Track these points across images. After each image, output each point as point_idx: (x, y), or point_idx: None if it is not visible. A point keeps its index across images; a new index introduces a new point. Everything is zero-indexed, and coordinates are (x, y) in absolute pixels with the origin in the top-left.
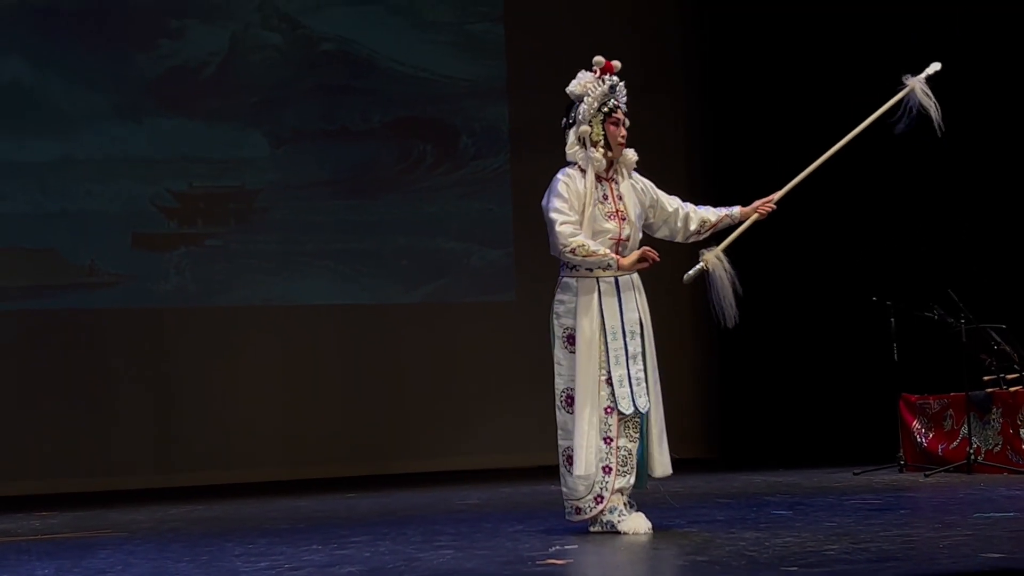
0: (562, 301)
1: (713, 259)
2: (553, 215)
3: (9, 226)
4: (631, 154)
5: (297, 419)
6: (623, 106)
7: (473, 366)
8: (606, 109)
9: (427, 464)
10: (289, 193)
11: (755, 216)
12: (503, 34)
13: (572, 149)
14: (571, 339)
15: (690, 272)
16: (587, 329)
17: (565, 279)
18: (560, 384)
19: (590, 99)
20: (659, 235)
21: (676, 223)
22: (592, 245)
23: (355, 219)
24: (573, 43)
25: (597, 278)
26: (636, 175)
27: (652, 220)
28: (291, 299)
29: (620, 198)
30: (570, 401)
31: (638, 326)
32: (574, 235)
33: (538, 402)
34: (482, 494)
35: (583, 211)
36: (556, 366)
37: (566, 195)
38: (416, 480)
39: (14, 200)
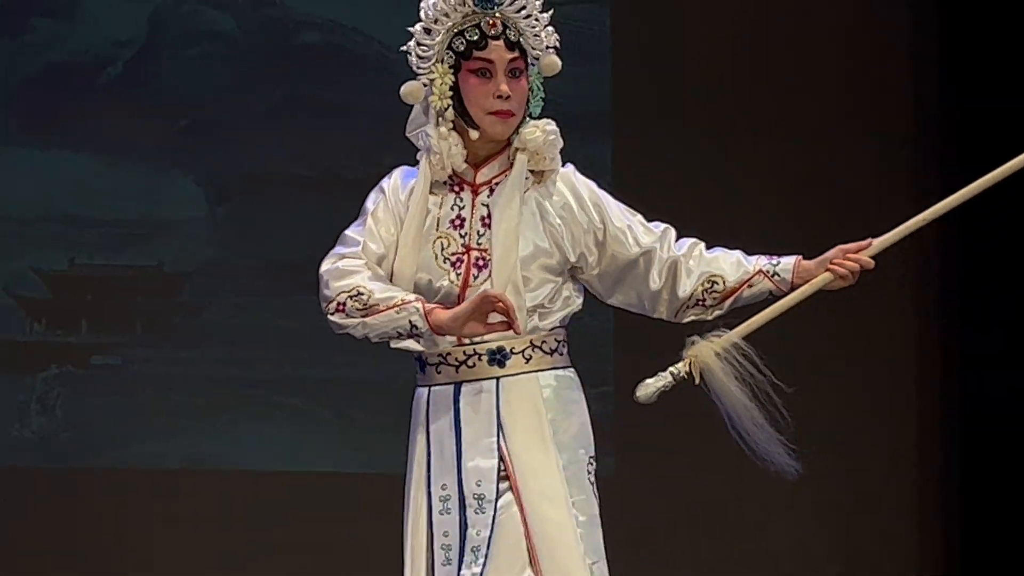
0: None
1: (709, 356)
2: (331, 253)
3: None
4: (536, 132)
5: None
6: (507, 34)
7: None
8: (461, 45)
9: None
10: (241, 280)
11: (824, 277)
12: (608, 21)
13: (413, 126)
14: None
15: (649, 381)
16: (412, 487)
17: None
18: None
19: (437, 26)
20: (617, 302)
21: (650, 279)
22: (379, 291)
23: None
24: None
25: (429, 386)
26: (570, 178)
27: (599, 269)
28: (236, 460)
29: (485, 223)
30: None
31: (492, 485)
32: (346, 275)
33: None
34: None
35: (398, 244)
36: None
37: (374, 210)
38: None
39: None
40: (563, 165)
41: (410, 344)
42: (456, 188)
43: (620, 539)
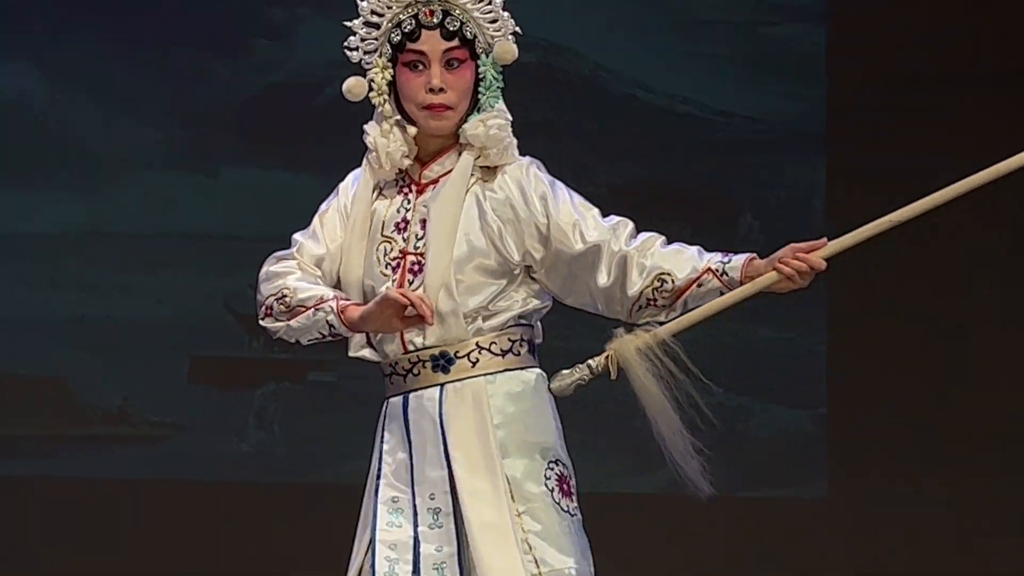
0: None
1: (630, 351)
2: (272, 255)
3: None
4: (479, 127)
5: None
6: (445, 23)
7: None
8: (397, 37)
9: None
10: None
11: (769, 276)
12: (824, 40)
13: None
14: None
15: (564, 373)
16: (365, 499)
17: None
18: None
19: (380, 19)
20: (573, 302)
21: (599, 275)
22: (301, 291)
23: (553, 345)
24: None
25: (387, 399)
26: (519, 172)
27: (545, 268)
28: None
29: (424, 225)
30: None
31: (447, 496)
32: (275, 278)
33: None
34: None
35: (342, 247)
36: None
37: (324, 211)
38: None
39: None
40: (524, 158)
41: (366, 354)
42: (405, 188)
43: (834, 561)
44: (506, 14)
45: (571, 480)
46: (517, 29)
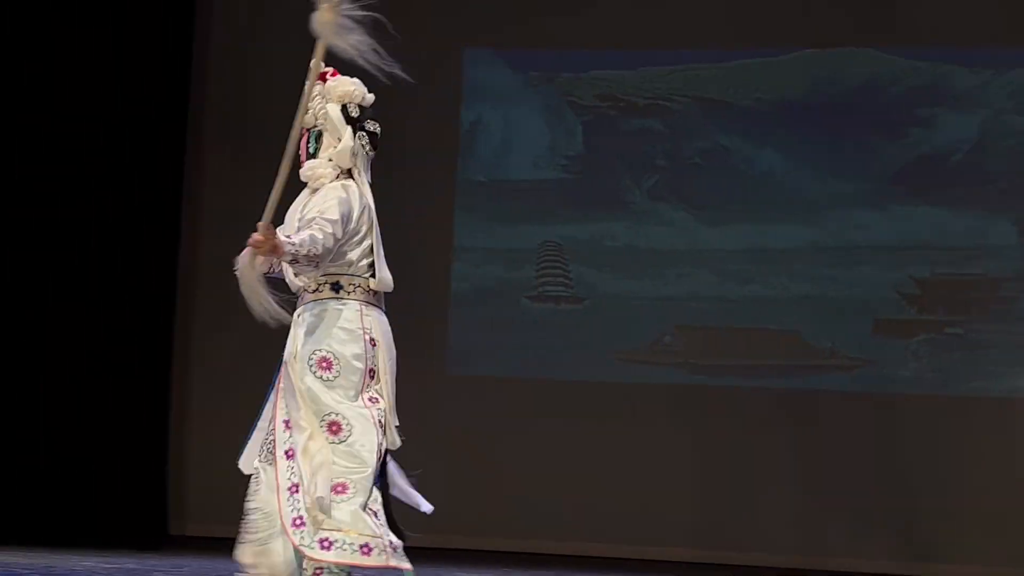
0: None
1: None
2: None
3: (758, 308)
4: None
5: None
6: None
7: None
8: None
9: None
10: None
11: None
12: None
13: None
14: None
15: None
16: None
17: None
18: None
19: None
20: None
21: None
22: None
23: None
24: None
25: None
26: (325, 189)
27: None
28: None
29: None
30: None
31: (278, 375)
32: None
33: None
34: None
35: None
36: None
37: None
38: None
39: (763, 283)
40: (337, 182)
41: (297, 282)
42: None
43: None
44: (318, 102)
45: (334, 361)
46: (314, 115)
